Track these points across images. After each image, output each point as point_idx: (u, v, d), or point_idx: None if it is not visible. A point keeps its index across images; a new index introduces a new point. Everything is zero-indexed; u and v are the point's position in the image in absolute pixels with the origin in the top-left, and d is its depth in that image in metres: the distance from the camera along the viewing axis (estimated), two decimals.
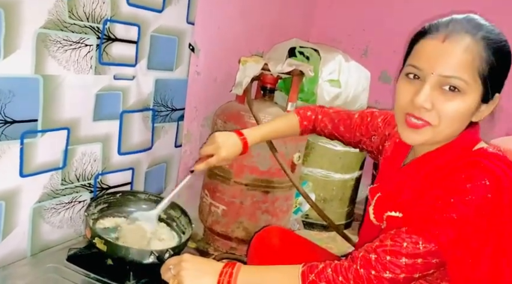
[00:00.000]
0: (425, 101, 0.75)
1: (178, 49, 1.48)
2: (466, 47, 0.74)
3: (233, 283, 0.79)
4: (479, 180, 0.71)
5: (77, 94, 1.17)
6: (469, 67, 0.74)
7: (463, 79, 0.74)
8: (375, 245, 0.76)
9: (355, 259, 0.76)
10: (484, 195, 0.71)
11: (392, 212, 0.84)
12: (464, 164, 0.75)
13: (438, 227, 0.72)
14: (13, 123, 1.03)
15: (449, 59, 0.74)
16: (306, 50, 1.99)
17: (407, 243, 0.73)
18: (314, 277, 0.76)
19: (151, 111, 1.45)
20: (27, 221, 1.13)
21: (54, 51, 1.08)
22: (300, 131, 1.21)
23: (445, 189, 0.74)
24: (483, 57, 0.74)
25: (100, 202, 1.14)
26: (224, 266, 0.82)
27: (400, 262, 0.72)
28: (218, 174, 1.70)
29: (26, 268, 1.05)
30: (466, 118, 0.77)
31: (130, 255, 1.00)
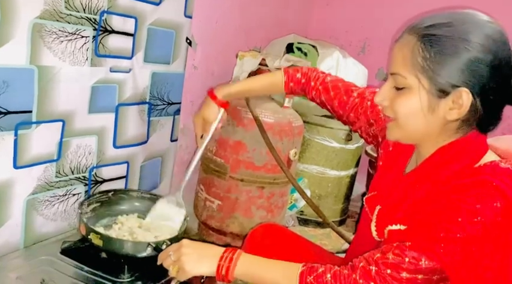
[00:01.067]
0: (381, 100, 0.80)
1: (175, 42, 1.47)
2: (403, 44, 0.76)
3: (231, 270, 0.80)
4: (490, 202, 0.69)
5: (73, 86, 1.16)
6: (405, 62, 0.74)
7: (402, 74, 0.75)
8: (376, 256, 0.74)
9: (355, 268, 0.75)
10: (493, 218, 0.69)
11: (394, 226, 0.82)
12: (473, 182, 0.72)
13: (442, 246, 0.70)
14: (7, 114, 1.02)
15: (393, 58, 0.77)
16: (304, 46, 1.99)
17: (409, 258, 0.71)
18: (312, 280, 0.75)
19: (147, 105, 1.44)
20: (21, 213, 1.13)
21: (50, 42, 1.07)
22: (286, 92, 1.17)
23: (453, 207, 0.71)
24: (418, 51, 0.73)
25: (93, 201, 1.12)
26: (225, 250, 0.83)
27: (400, 276, 0.71)
28: (214, 169, 1.70)
29: (19, 260, 1.04)
30: (418, 113, 0.75)
31: (126, 248, 1.00)
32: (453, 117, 0.75)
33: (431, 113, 0.75)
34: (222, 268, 0.81)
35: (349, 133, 2.08)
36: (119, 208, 1.20)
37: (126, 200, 1.19)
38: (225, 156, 1.66)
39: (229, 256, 0.82)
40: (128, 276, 0.99)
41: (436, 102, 0.74)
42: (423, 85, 0.74)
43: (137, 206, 1.23)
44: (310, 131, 2.07)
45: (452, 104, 0.74)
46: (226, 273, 0.81)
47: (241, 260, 0.82)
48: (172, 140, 1.62)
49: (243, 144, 1.63)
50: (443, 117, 0.75)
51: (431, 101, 0.74)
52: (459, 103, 0.73)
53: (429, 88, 0.73)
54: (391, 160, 0.94)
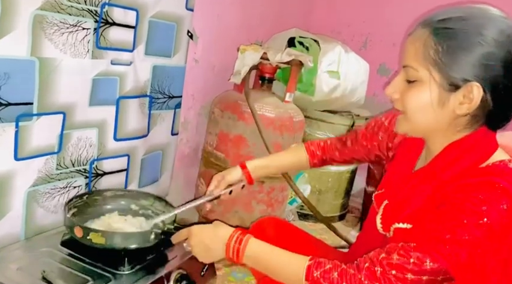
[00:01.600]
0: (391, 92, 0.80)
1: (176, 35, 1.46)
2: (416, 37, 0.76)
3: (242, 251, 0.82)
4: (496, 204, 0.69)
5: (74, 78, 1.16)
6: (417, 55, 0.74)
7: (414, 67, 0.75)
8: (381, 256, 0.74)
9: (360, 269, 0.74)
10: (499, 220, 0.69)
11: (400, 224, 0.82)
12: (480, 183, 0.71)
13: (448, 247, 0.70)
14: (8, 106, 1.02)
15: (405, 51, 0.77)
16: (306, 40, 1.98)
17: (414, 259, 0.71)
18: (319, 275, 0.75)
19: (148, 98, 1.44)
20: (22, 204, 1.13)
21: (51, 34, 1.07)
22: (311, 167, 1.18)
23: (459, 209, 0.71)
24: (430, 44, 0.73)
25: (71, 207, 1.10)
26: (234, 230, 0.86)
27: (405, 277, 0.71)
28: (214, 163, 1.70)
29: (20, 252, 1.04)
30: (428, 107, 0.75)
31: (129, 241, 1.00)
32: (463, 111, 0.74)
33: (441, 107, 0.75)
34: (233, 249, 0.83)
35: (350, 129, 2.08)
36: (97, 209, 1.18)
37: (101, 201, 1.18)
38: (225, 151, 1.66)
39: (239, 237, 0.84)
40: (128, 268, 0.99)
41: (447, 96, 0.74)
42: (435, 78, 0.73)
43: (114, 204, 1.21)
44: (311, 126, 2.07)
45: (463, 98, 0.73)
46: (237, 255, 0.83)
47: (250, 242, 0.83)
48: (173, 134, 1.62)
49: (243, 138, 1.63)
50: (453, 111, 0.75)
51: (442, 95, 0.74)
52: (469, 97, 0.72)
53: (440, 81, 0.73)
54: (401, 158, 0.94)
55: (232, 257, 0.85)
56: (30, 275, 0.93)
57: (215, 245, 0.86)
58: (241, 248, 0.83)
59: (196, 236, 0.88)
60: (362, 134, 1.07)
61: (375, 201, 0.93)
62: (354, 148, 1.09)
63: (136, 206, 1.23)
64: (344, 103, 2.05)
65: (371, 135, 1.04)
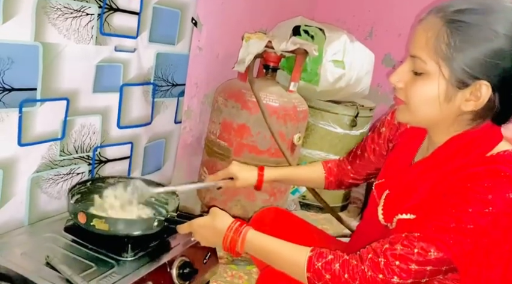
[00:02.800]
0: (396, 80, 0.78)
1: (180, 22, 1.45)
2: (428, 26, 0.72)
3: (240, 242, 0.83)
4: (502, 193, 0.68)
5: (77, 64, 1.15)
6: (428, 46, 0.72)
7: (423, 59, 0.73)
8: (384, 247, 0.73)
9: (364, 260, 0.74)
10: (505, 209, 0.68)
11: (403, 215, 0.81)
12: (485, 171, 0.70)
13: (452, 236, 0.69)
14: (12, 91, 1.01)
15: (415, 39, 0.75)
16: (311, 29, 1.96)
17: (418, 249, 0.70)
18: (320, 267, 0.75)
19: (152, 85, 1.43)
20: (25, 190, 1.13)
21: (55, 19, 1.06)
22: (325, 187, 1.16)
23: (464, 198, 0.70)
24: (443, 37, 0.70)
25: (74, 193, 1.11)
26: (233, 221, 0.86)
27: (409, 268, 0.70)
28: (217, 152, 1.70)
29: (24, 237, 1.05)
30: (433, 101, 0.74)
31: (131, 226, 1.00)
32: (468, 108, 0.73)
33: (447, 102, 0.73)
34: (230, 240, 0.84)
35: (354, 119, 2.07)
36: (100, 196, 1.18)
37: (104, 187, 1.18)
38: (228, 139, 1.66)
39: (237, 228, 0.85)
40: (131, 254, 1.00)
41: (454, 92, 0.72)
42: (444, 74, 0.71)
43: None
44: (314, 116, 2.07)
45: (470, 95, 0.72)
46: (234, 246, 0.84)
47: (249, 234, 0.83)
48: (176, 122, 1.62)
49: (247, 127, 1.63)
50: (458, 107, 0.74)
51: (449, 91, 0.72)
52: (477, 95, 0.71)
53: (450, 77, 0.71)
54: (402, 148, 0.93)
55: (230, 249, 0.85)
56: (34, 260, 0.93)
57: (216, 239, 0.87)
58: (240, 240, 0.83)
59: (197, 233, 0.91)
60: (369, 138, 1.05)
61: (375, 191, 0.93)
62: (364, 156, 1.05)
63: None
64: (348, 93, 2.04)
65: (377, 135, 1.03)
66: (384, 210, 0.87)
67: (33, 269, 0.90)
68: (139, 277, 0.94)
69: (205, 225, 0.89)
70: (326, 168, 1.14)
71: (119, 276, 0.92)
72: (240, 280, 1.52)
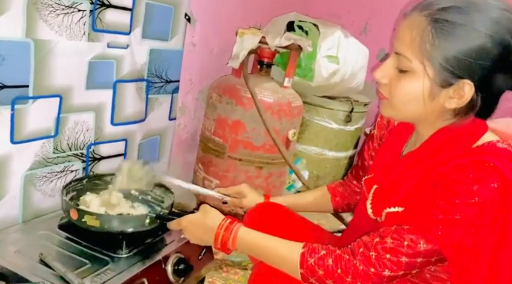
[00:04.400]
0: (380, 77, 0.78)
1: (173, 18, 1.44)
2: (413, 24, 0.72)
3: (232, 239, 0.83)
4: (487, 183, 0.69)
5: (70, 61, 1.14)
6: (413, 45, 0.72)
7: (408, 57, 0.73)
8: (375, 241, 0.74)
9: (355, 254, 0.74)
10: (491, 199, 0.69)
11: (392, 208, 0.82)
12: (471, 162, 0.71)
13: (441, 228, 0.70)
14: (3, 88, 1.01)
15: (399, 36, 0.75)
16: (305, 24, 1.96)
17: (408, 242, 0.71)
18: (313, 263, 0.75)
19: (145, 82, 1.42)
20: (19, 188, 1.12)
21: (46, 15, 1.05)
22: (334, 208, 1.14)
23: (450, 189, 0.71)
24: (428, 37, 0.70)
25: (69, 190, 1.11)
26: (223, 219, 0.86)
27: (400, 261, 0.71)
28: (212, 149, 1.70)
29: (18, 234, 1.04)
30: (417, 99, 0.74)
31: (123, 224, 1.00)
32: (452, 106, 0.74)
33: (431, 100, 0.74)
34: (222, 238, 0.84)
35: (349, 115, 2.08)
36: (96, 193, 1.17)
37: (101, 184, 1.18)
38: (223, 136, 1.66)
39: (228, 226, 0.85)
40: (126, 251, 1.00)
41: (438, 91, 0.73)
42: (428, 73, 0.72)
43: None
44: (309, 112, 2.07)
45: (453, 93, 0.73)
46: (226, 244, 0.84)
47: (240, 231, 0.83)
48: (171, 119, 1.61)
49: (241, 123, 1.62)
50: (442, 105, 0.75)
51: (433, 90, 0.73)
52: (460, 93, 0.72)
53: (434, 76, 0.72)
54: (390, 143, 0.94)
55: (221, 246, 0.85)
56: (28, 257, 0.93)
57: (206, 236, 0.87)
58: (231, 237, 0.83)
59: (187, 230, 0.90)
60: (365, 146, 1.06)
61: (365, 186, 0.93)
62: (364, 165, 1.05)
63: (135, 191, 1.23)
64: (343, 88, 2.04)
65: (371, 140, 1.03)
66: (372, 204, 0.88)
67: (27, 266, 0.90)
68: (133, 274, 0.94)
69: (196, 222, 0.88)
70: (330, 190, 1.14)
71: (114, 273, 0.92)
72: (236, 275, 1.52)
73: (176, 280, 1.02)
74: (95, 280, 0.89)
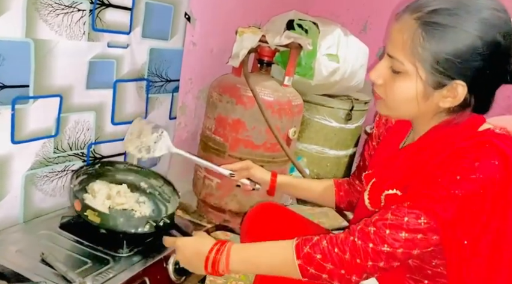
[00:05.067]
0: (375, 78, 0.79)
1: (173, 17, 1.44)
2: (404, 27, 0.73)
3: (225, 260, 0.79)
4: (488, 160, 0.69)
5: (70, 61, 1.14)
6: (405, 48, 0.73)
7: (400, 60, 0.74)
8: (374, 218, 0.74)
9: (352, 231, 0.74)
10: (491, 175, 0.69)
11: (390, 190, 0.82)
12: (472, 144, 0.72)
13: (441, 203, 0.70)
14: (4, 88, 1.01)
15: (391, 39, 0.76)
16: (305, 23, 1.96)
17: (408, 218, 0.71)
18: (309, 249, 0.75)
19: (145, 81, 1.42)
20: (20, 188, 1.12)
21: (46, 15, 1.05)
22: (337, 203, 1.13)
23: (451, 167, 0.71)
24: (419, 40, 0.71)
25: (80, 174, 1.12)
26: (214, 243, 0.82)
27: (399, 236, 0.71)
28: (212, 147, 1.70)
29: (19, 234, 1.05)
30: (411, 100, 0.75)
31: (123, 225, 1.00)
32: (446, 105, 0.75)
33: (425, 101, 0.76)
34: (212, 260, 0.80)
35: (349, 113, 2.08)
36: (106, 180, 1.19)
37: (113, 171, 1.18)
38: (224, 135, 1.66)
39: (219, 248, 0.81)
40: (127, 251, 1.00)
41: (431, 92, 0.74)
42: (421, 76, 0.73)
43: (124, 177, 1.23)
44: (310, 110, 2.07)
45: (447, 92, 0.74)
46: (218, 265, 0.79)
47: (233, 249, 0.80)
48: (171, 118, 1.61)
49: (242, 122, 1.63)
50: (436, 104, 0.76)
51: (427, 91, 0.74)
52: (453, 93, 0.73)
53: (426, 78, 0.73)
54: (388, 139, 0.95)
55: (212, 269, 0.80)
56: (30, 257, 0.93)
57: (196, 260, 0.83)
58: (224, 255, 0.79)
59: (179, 251, 0.87)
60: (366, 146, 1.06)
61: (364, 181, 0.93)
62: (366, 165, 1.05)
63: (145, 184, 1.24)
64: (343, 87, 2.04)
65: (370, 139, 1.04)
66: (370, 193, 0.88)
67: (29, 266, 0.90)
68: (134, 273, 0.94)
69: (189, 245, 0.86)
70: (336, 184, 1.14)
71: (115, 272, 0.92)
72: (237, 274, 1.52)
73: (178, 279, 1.02)
74: (97, 279, 0.89)
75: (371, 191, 0.88)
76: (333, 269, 0.73)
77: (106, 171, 1.19)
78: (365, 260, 0.72)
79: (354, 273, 0.72)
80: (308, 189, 1.15)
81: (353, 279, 0.73)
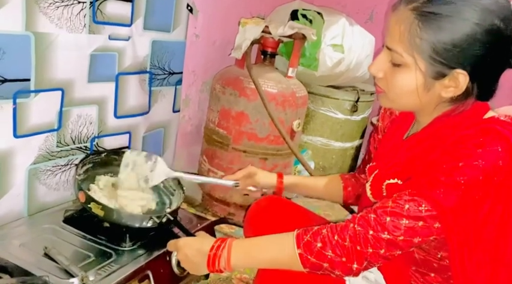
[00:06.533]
0: (375, 71, 0.78)
1: (175, 9, 1.43)
2: (401, 19, 0.72)
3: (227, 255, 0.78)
4: (491, 146, 0.68)
5: (71, 54, 1.13)
6: (402, 40, 0.72)
7: (399, 52, 0.73)
8: (375, 206, 0.74)
9: (353, 218, 0.74)
10: (494, 162, 0.68)
11: (391, 180, 0.81)
12: (476, 131, 0.71)
13: (443, 190, 0.69)
14: (5, 82, 1.00)
15: (389, 31, 0.75)
16: (309, 12, 1.93)
17: (409, 205, 0.70)
18: (309, 238, 0.74)
19: (148, 74, 1.41)
20: (23, 182, 1.13)
21: (46, 7, 1.04)
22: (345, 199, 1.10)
23: (454, 154, 0.70)
24: (416, 31, 0.70)
25: (86, 163, 1.12)
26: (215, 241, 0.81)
27: (400, 224, 0.70)
28: (216, 140, 1.69)
29: (23, 228, 1.05)
30: (412, 92, 0.75)
31: (127, 220, 1.00)
32: (449, 95, 0.74)
33: (426, 92, 0.75)
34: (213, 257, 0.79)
35: (355, 104, 2.05)
36: (111, 169, 1.19)
37: (118, 161, 1.18)
38: (227, 127, 1.65)
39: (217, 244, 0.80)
40: (130, 244, 1.00)
41: (432, 82, 0.73)
42: (420, 67, 0.72)
43: None
44: (314, 102, 2.04)
45: (448, 82, 0.73)
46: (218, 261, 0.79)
47: (234, 245, 0.79)
48: (175, 111, 1.61)
49: (245, 115, 1.61)
50: (439, 95, 0.75)
51: (427, 82, 0.73)
52: (455, 83, 0.72)
53: (426, 69, 0.72)
54: (391, 131, 0.94)
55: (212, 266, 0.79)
56: (33, 251, 0.94)
57: (198, 258, 0.81)
58: (226, 251, 0.78)
59: (180, 251, 0.85)
60: (371, 139, 1.05)
61: (367, 173, 0.92)
62: (371, 158, 1.02)
63: None
64: (348, 77, 2.01)
65: (376, 132, 1.03)
66: (372, 185, 0.87)
67: (32, 260, 0.90)
68: (137, 266, 0.94)
69: (190, 244, 0.85)
70: (343, 179, 1.11)
71: (118, 266, 0.93)
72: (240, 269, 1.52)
73: (181, 273, 1.02)
74: (99, 273, 0.89)
75: (373, 181, 0.88)
76: (333, 257, 0.72)
77: (111, 160, 1.19)
78: (365, 247, 0.71)
79: (355, 260, 0.71)
80: (314, 187, 1.13)
81: (354, 267, 0.72)
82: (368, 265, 0.72)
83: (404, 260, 0.81)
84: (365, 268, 0.72)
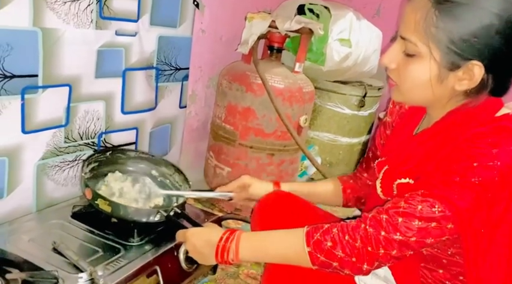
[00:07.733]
0: (388, 62, 0.76)
1: (182, 4, 1.42)
2: (417, 7, 0.70)
3: (235, 247, 0.78)
4: (507, 146, 0.67)
5: (78, 50, 1.13)
6: (418, 29, 0.70)
7: (413, 42, 0.71)
8: (387, 206, 0.72)
9: (364, 219, 0.72)
10: (509, 162, 0.66)
11: (402, 179, 0.79)
12: (490, 129, 0.69)
13: (457, 190, 0.67)
14: (13, 78, 1.01)
15: (404, 20, 0.73)
16: (316, 7, 1.91)
17: (422, 206, 0.69)
18: (319, 236, 0.73)
19: (155, 70, 1.41)
20: (32, 177, 1.13)
21: (53, 3, 1.04)
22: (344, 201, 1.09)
23: (468, 153, 0.68)
24: (432, 20, 0.68)
25: (91, 161, 1.12)
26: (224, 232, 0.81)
27: (412, 225, 0.69)
28: (223, 136, 1.69)
29: (32, 223, 1.06)
30: (425, 84, 0.72)
31: (134, 215, 1.00)
32: (463, 88, 0.72)
33: (440, 84, 0.73)
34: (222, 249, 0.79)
35: (362, 99, 2.04)
36: (117, 167, 1.19)
37: (124, 159, 1.18)
38: (234, 123, 1.64)
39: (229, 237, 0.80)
40: (138, 240, 1.00)
41: (446, 74, 0.71)
42: (435, 57, 0.70)
43: (135, 165, 1.23)
44: (321, 97, 2.03)
45: (462, 74, 0.71)
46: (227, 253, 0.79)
47: (243, 238, 0.79)
48: (181, 107, 1.60)
49: (252, 110, 1.61)
50: (452, 88, 0.73)
51: (441, 73, 0.71)
52: (470, 75, 0.70)
53: (441, 60, 0.70)
54: (401, 126, 0.92)
55: (221, 258, 0.80)
56: (42, 246, 0.94)
57: (206, 249, 0.82)
58: (234, 243, 0.78)
59: (188, 241, 0.85)
60: (377, 134, 1.03)
61: (376, 169, 0.91)
62: (376, 156, 1.01)
63: (156, 172, 1.24)
64: (355, 72, 2.00)
65: (383, 127, 1.01)
66: (382, 182, 0.86)
67: (41, 255, 0.91)
68: (146, 262, 0.94)
69: (198, 235, 0.85)
70: (341, 181, 1.10)
71: (126, 261, 0.93)
72: (248, 262, 1.52)
73: (189, 268, 1.02)
74: (108, 268, 0.89)
75: (383, 179, 0.86)
76: (343, 257, 0.71)
77: (117, 158, 1.19)
78: (377, 248, 0.70)
79: (365, 261, 0.71)
80: (313, 193, 1.11)
81: (364, 267, 0.71)
82: (379, 265, 0.72)
83: (412, 256, 0.80)
84: (375, 268, 0.72)
